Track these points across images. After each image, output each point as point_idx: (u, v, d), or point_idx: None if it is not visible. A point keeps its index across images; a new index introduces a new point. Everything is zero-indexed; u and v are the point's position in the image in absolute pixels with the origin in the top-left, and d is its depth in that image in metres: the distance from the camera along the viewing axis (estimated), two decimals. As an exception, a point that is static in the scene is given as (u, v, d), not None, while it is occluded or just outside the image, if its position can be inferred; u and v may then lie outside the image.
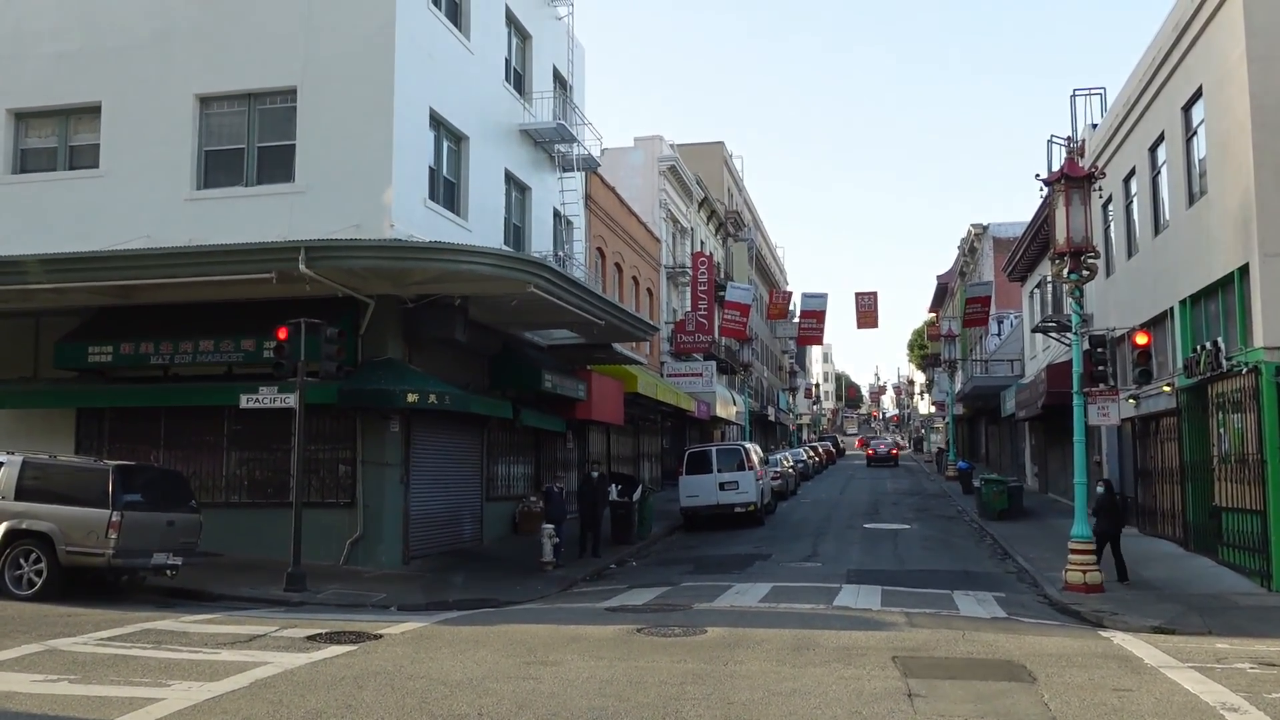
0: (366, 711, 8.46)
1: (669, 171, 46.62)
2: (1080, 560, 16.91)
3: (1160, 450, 23.13)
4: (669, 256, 47.39)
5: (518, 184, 27.41)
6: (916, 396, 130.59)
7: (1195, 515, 20.54)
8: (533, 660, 10.63)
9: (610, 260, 36.49)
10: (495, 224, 25.19)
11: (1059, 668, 10.34)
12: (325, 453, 20.03)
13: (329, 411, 19.60)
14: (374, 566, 19.41)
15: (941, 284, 79.21)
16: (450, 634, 12.50)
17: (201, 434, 20.52)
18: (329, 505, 19.78)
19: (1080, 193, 17.30)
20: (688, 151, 56.98)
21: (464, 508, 23.13)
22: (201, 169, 21.24)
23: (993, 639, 12.07)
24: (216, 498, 20.26)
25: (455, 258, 17.99)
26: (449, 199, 23.18)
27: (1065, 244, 17.20)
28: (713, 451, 29.58)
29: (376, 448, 19.80)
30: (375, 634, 12.38)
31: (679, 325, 45.90)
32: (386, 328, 19.99)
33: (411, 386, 18.86)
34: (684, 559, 22.69)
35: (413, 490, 20.58)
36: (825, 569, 20.19)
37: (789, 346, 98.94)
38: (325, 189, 20.18)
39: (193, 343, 19.41)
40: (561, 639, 12.00)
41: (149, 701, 8.71)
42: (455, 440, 22.85)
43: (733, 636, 12.07)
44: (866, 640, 11.81)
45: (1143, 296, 23.60)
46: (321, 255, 17.28)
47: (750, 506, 28.66)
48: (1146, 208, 23.64)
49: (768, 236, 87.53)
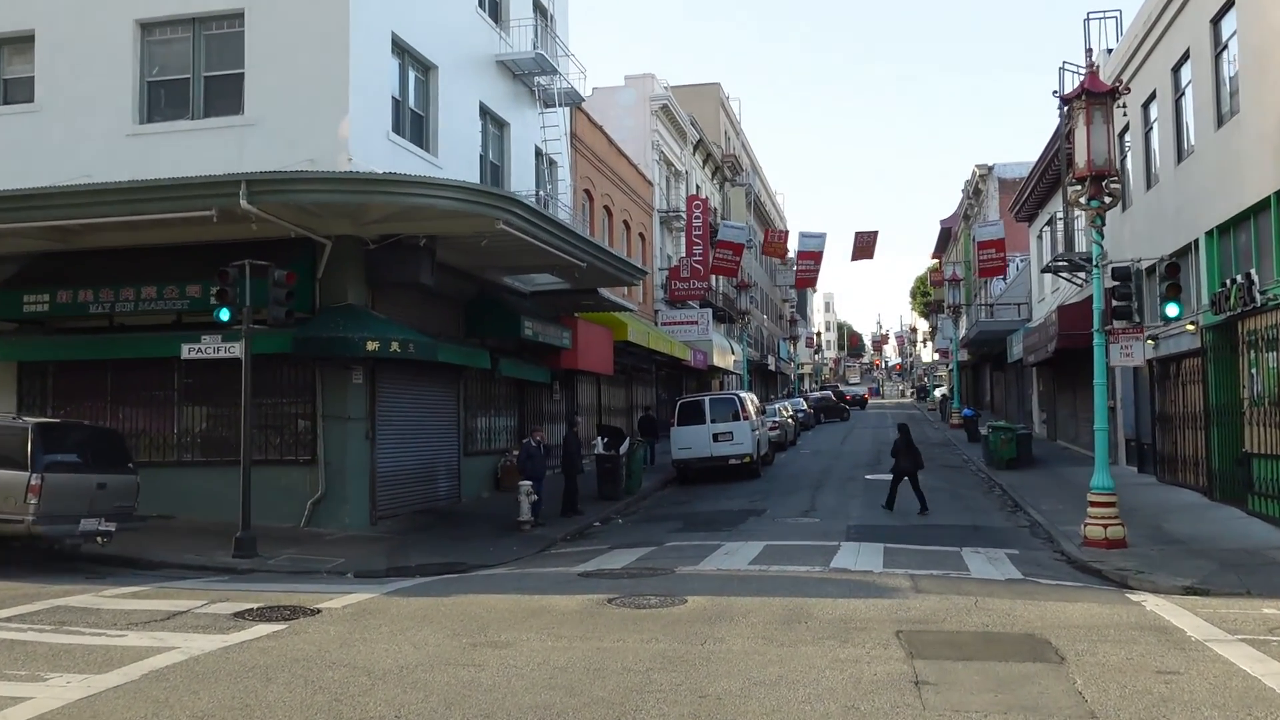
0: (262, 715, 7.05)
1: (661, 111, 44.73)
2: (1101, 514, 15.49)
3: (1181, 394, 21.65)
4: (662, 200, 45.63)
5: (495, 119, 25.69)
6: (919, 344, 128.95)
7: (1221, 462, 19.11)
8: (481, 641, 9.22)
9: (599, 203, 34.80)
10: (470, 161, 23.50)
11: (1089, 643, 8.92)
12: (283, 407, 18.58)
13: (286, 362, 18.13)
14: (338, 528, 18.04)
15: (945, 228, 77.34)
16: (398, 607, 11.11)
17: (151, 388, 19.05)
18: (288, 463, 18.37)
19: (1103, 110, 15.64)
20: (683, 94, 54.98)
21: (439, 463, 21.72)
22: (144, 101, 19.59)
23: (1009, 606, 10.65)
24: (168, 456, 18.87)
25: (414, 191, 16.38)
26: (416, 133, 21.51)
27: (1086, 167, 15.58)
28: (706, 401, 28.07)
29: (338, 400, 18.33)
30: (313, 609, 11.00)
31: (673, 271, 44.25)
32: (346, 271, 18.43)
33: (372, 334, 17.34)
34: (673, 515, 21.32)
35: (380, 445, 19.14)
36: (823, 525, 18.80)
37: (789, 295, 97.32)
38: (277, 121, 18.56)
39: (135, 290, 17.86)
40: (521, 613, 10.60)
41: (12, 702, 7.32)
42: (428, 392, 21.38)
43: (715, 607, 10.66)
44: (867, 610, 10.41)
45: (1163, 230, 21.98)
46: (265, 189, 15.67)
47: (746, 458, 27.24)
48: (1168, 133, 21.95)
49: (767, 183, 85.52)
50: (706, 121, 58.12)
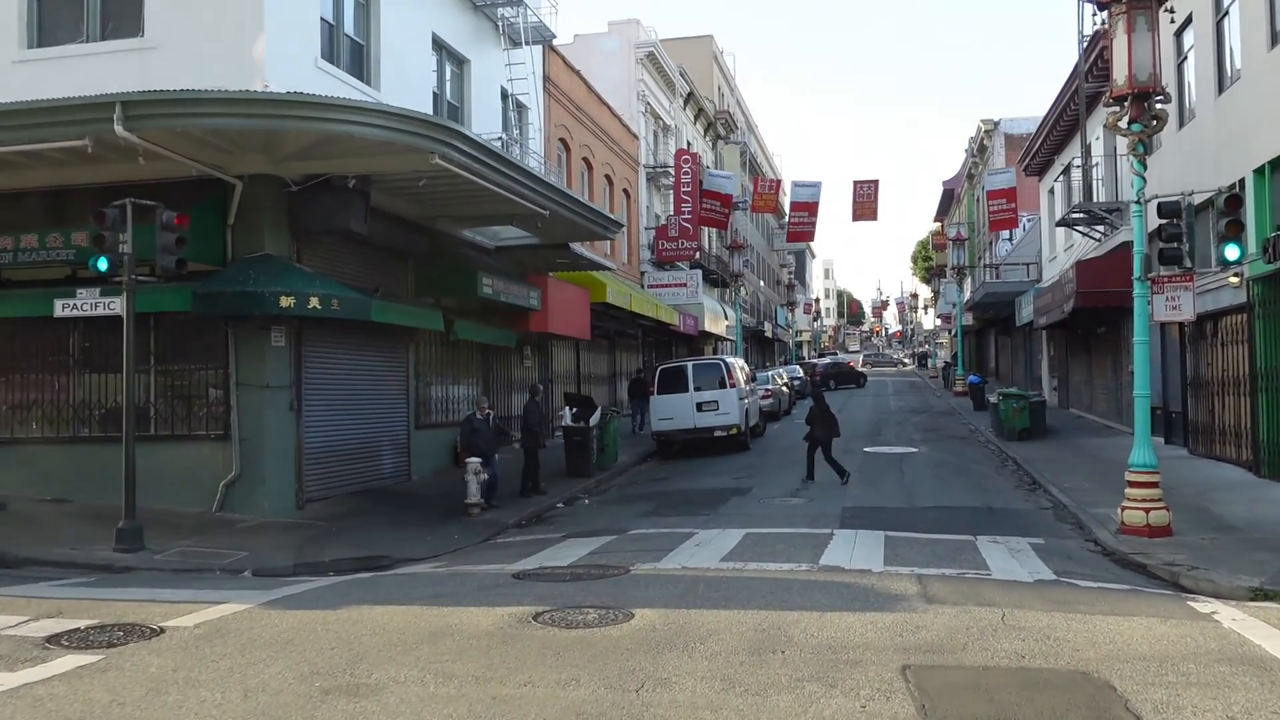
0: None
1: (648, 60, 41.93)
2: (1142, 495, 13.10)
3: (1220, 355, 19.22)
4: (649, 156, 42.93)
5: (452, 55, 23.08)
6: (920, 311, 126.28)
7: (1270, 433, 16.75)
8: (338, 685, 6.82)
9: (577, 154, 32.15)
10: (421, 99, 20.85)
11: (1168, 689, 6.51)
12: (192, 373, 16.11)
13: (195, 322, 15.66)
14: (255, 514, 15.61)
15: (948, 190, 74.52)
16: (264, 626, 8.69)
17: (43, 353, 16.59)
18: (197, 439, 15.93)
19: (1146, 15, 13.09)
20: (674, 46, 52.03)
21: (385, 438, 19.28)
22: (33, 23, 17.05)
23: (1047, 624, 8.25)
24: (63, 431, 16.43)
25: (331, 116, 13.78)
26: (355, 63, 18.93)
27: (1127, 84, 13.04)
28: (689, 367, 25.56)
29: (255, 366, 15.85)
30: (157, 628, 8.59)
31: (660, 231, 41.62)
32: (264, 217, 15.89)
33: (288, 288, 14.83)
34: (647, 494, 18.92)
35: (308, 418, 16.70)
36: (815, 506, 16.40)
37: (787, 260, 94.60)
38: (182, 43, 16.00)
39: (12, 238, 15.32)
40: (416, 635, 8.20)
41: None
42: (371, 357, 18.91)
43: (668, 626, 8.27)
44: (863, 631, 8.01)
45: (1200, 169, 19.43)
46: (146, 112, 13.09)
47: (732, 430, 24.82)
48: (1207, 60, 19.37)
49: (763, 142, 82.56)
50: (699, 76, 55.23)
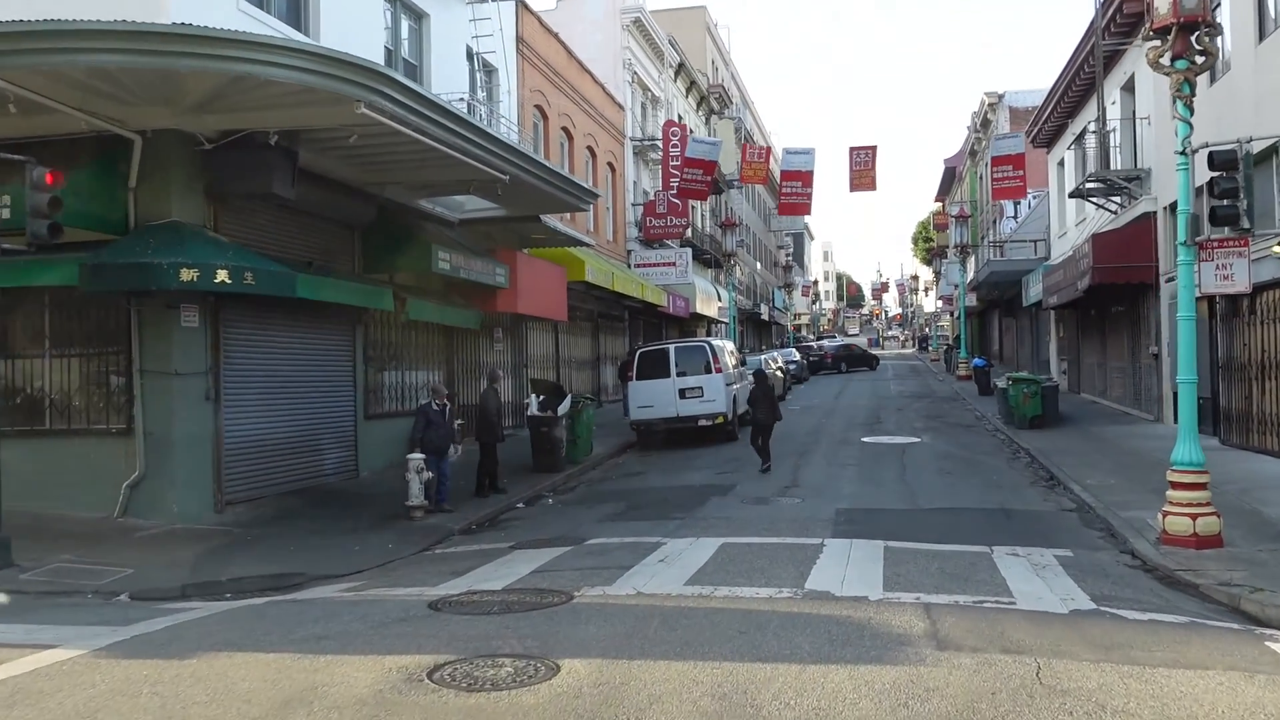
0: None
1: (634, 26, 39.73)
2: (1187, 499, 11.10)
3: (1258, 335, 17.21)
4: (636, 129, 40.77)
5: (409, 8, 20.98)
6: (920, 293, 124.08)
7: (1322, 423, 14.75)
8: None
9: (555, 123, 30.04)
10: (371, 55, 18.72)
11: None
12: (90, 359, 14.09)
13: (92, 300, 13.64)
14: (163, 519, 13.62)
15: (949, 168, 72.26)
16: (75, 687, 6.69)
17: (-75, 336, 14.59)
18: (96, 433, 13.93)
19: (1195, -70, 11.03)
20: (665, 17, 49.89)
21: (326, 430, 17.27)
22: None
23: (1098, 684, 6.25)
24: (-52, 425, 14.43)
25: (233, 54, 11.63)
26: (290, 9, 16.90)
27: (1171, 12, 10.98)
28: (670, 350, 23.49)
29: (161, 350, 13.81)
30: (-62, 689, 6.61)
31: (648, 207, 39.51)
32: (172, 179, 13.83)
33: (191, 259, 12.77)
34: (618, 493, 16.92)
35: (229, 409, 14.68)
36: (805, 508, 14.40)
37: (785, 242, 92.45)
38: (77, -22, 13.91)
39: None
40: (265, 704, 6.20)
41: None
42: (308, 339, 16.88)
43: (598, 689, 6.27)
44: (855, 699, 6.01)
45: (1236, 127, 17.31)
46: (6, 48, 11.03)
47: (719, 418, 22.79)
48: (1245, 5, 17.30)
49: (759, 119, 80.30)
50: (692, 49, 53.04)
